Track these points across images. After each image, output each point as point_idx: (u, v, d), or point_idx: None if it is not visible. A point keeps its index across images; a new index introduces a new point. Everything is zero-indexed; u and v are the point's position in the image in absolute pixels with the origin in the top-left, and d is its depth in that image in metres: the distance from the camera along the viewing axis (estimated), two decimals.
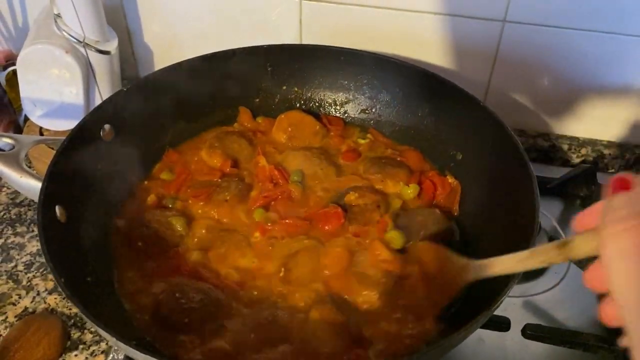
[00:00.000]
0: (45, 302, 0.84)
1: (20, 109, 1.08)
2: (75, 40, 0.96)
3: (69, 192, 0.69)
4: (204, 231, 0.78)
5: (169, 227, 0.76)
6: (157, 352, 0.58)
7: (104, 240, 0.73)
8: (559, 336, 0.74)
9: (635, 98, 1.00)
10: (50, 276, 0.87)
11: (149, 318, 0.67)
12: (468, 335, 0.56)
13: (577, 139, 1.07)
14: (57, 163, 0.69)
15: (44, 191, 0.64)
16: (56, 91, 1.00)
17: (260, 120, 0.94)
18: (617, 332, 0.78)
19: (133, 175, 0.82)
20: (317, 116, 0.94)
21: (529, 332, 0.74)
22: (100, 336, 0.80)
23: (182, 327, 0.66)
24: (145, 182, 0.85)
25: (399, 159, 0.88)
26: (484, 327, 0.74)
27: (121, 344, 0.50)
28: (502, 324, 0.74)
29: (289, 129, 0.91)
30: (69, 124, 1.02)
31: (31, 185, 0.68)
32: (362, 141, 0.92)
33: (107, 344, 0.79)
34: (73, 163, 0.72)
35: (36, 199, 0.65)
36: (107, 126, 0.78)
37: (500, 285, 0.59)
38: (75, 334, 0.80)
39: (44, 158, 0.95)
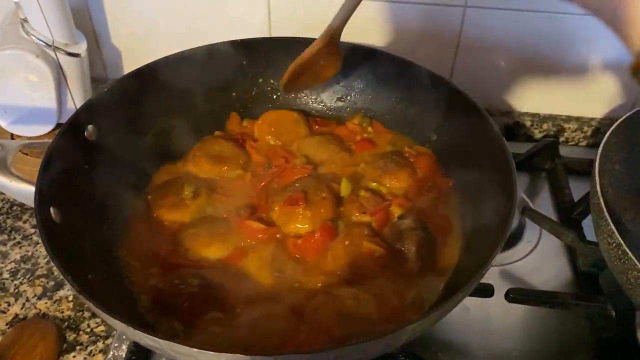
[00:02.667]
0: (35, 308, 0.84)
1: None
2: (44, 44, 0.96)
3: (60, 194, 0.70)
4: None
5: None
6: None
7: (100, 238, 0.74)
8: (539, 297, 0.79)
9: (590, 74, 1.07)
10: (38, 281, 0.87)
11: (150, 307, 0.68)
12: (462, 299, 0.60)
13: (538, 115, 1.13)
14: (47, 166, 0.69)
15: (39, 194, 0.65)
16: (27, 96, 0.99)
17: (246, 124, 0.95)
18: (590, 289, 0.85)
19: (125, 174, 0.83)
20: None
21: (512, 295, 0.78)
22: (97, 336, 0.80)
23: (183, 312, 0.68)
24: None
25: (411, 159, 0.89)
26: (471, 294, 0.79)
27: (137, 332, 0.51)
28: (486, 291, 0.78)
29: (272, 129, 0.93)
30: (42, 129, 1.02)
31: (22, 189, 0.68)
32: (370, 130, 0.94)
33: (104, 342, 0.80)
34: (61, 165, 0.72)
35: (27, 202, 0.65)
36: (90, 127, 0.78)
37: (486, 253, 0.64)
38: (70, 336, 0.81)
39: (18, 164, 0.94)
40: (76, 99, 1.03)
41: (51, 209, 0.66)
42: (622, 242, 0.66)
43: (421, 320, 0.54)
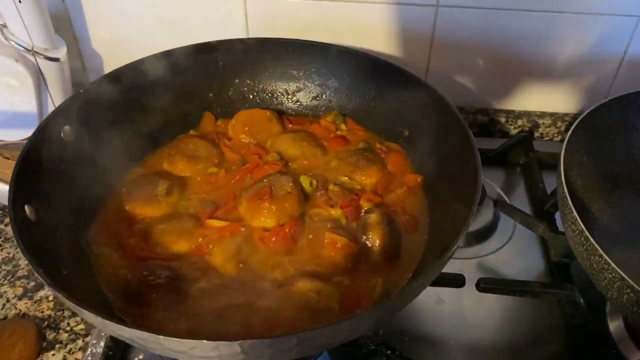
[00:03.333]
0: (15, 308, 0.85)
1: None
2: (23, 49, 0.97)
3: (36, 192, 0.71)
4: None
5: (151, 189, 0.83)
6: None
7: (76, 236, 0.75)
8: (509, 286, 0.81)
9: (562, 70, 1.09)
10: (19, 282, 0.88)
11: (120, 300, 0.70)
12: (426, 285, 0.61)
13: (513, 111, 1.15)
14: (22, 165, 0.70)
15: (13, 191, 0.66)
16: (8, 101, 1.00)
17: (220, 123, 0.97)
18: (562, 279, 0.86)
19: (101, 173, 0.84)
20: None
21: (482, 284, 0.80)
22: (76, 334, 0.81)
23: (151, 303, 0.69)
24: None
25: (382, 155, 0.91)
26: (443, 284, 0.81)
27: (108, 323, 0.52)
28: (458, 281, 0.80)
29: (245, 128, 0.94)
30: (23, 134, 1.03)
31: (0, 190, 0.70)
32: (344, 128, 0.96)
33: (83, 340, 0.81)
34: (37, 164, 0.74)
35: (2, 201, 0.66)
36: (66, 127, 0.80)
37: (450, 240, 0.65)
38: (50, 335, 0.82)
39: None
40: (56, 103, 1.04)
41: (26, 207, 0.68)
42: (584, 228, 0.68)
43: (383, 304, 0.56)
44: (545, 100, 1.14)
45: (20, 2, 0.92)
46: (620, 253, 0.69)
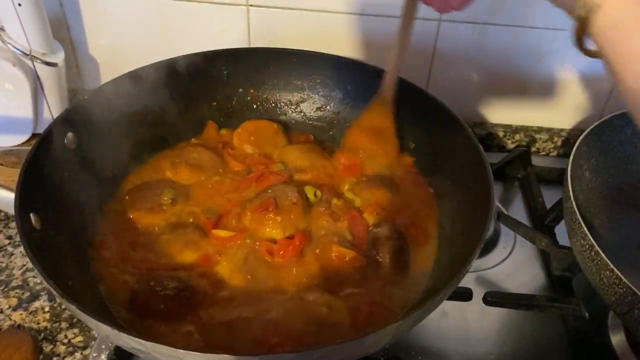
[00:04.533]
0: (10, 319, 0.82)
1: None
2: (21, 53, 0.95)
3: (40, 201, 0.69)
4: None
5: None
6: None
7: (80, 245, 0.73)
8: (516, 300, 0.81)
9: (559, 86, 1.11)
10: (13, 293, 0.85)
11: (125, 312, 0.68)
12: (443, 299, 0.61)
13: (510, 126, 1.17)
14: (27, 172, 0.68)
15: (19, 200, 0.64)
16: (3, 105, 0.98)
17: (224, 132, 0.96)
18: (564, 293, 0.87)
19: (104, 181, 0.83)
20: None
21: (490, 298, 0.80)
22: (74, 347, 0.79)
23: (158, 314, 0.68)
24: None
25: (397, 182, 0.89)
26: (450, 298, 0.81)
27: (122, 334, 0.51)
28: (465, 294, 0.80)
29: (251, 138, 0.94)
30: (18, 139, 1.00)
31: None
32: None
33: (82, 353, 0.79)
34: (41, 172, 0.72)
35: (5, 209, 0.65)
36: (70, 134, 0.78)
37: (464, 256, 0.65)
38: (47, 347, 0.79)
39: None
40: (53, 109, 1.02)
41: (31, 215, 0.66)
42: (594, 243, 0.68)
43: (403, 320, 0.55)
44: (542, 116, 1.16)
45: (20, 5, 0.90)
46: (623, 267, 0.69)
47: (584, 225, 0.70)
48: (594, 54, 0.53)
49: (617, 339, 0.83)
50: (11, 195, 0.65)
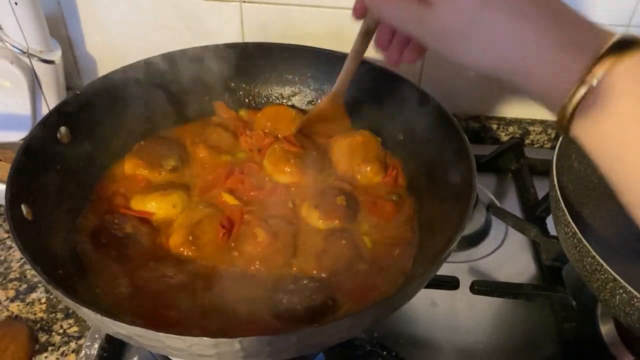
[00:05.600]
0: (7, 310, 0.84)
1: None
2: (18, 51, 0.97)
3: (32, 192, 0.71)
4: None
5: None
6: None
7: (71, 235, 0.75)
8: (503, 288, 0.82)
9: None
10: (11, 285, 0.87)
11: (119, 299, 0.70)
12: (426, 281, 0.62)
13: (504, 119, 1.17)
14: (19, 164, 0.70)
15: (9, 190, 0.66)
16: (2, 103, 1.00)
17: (244, 113, 0.98)
18: (555, 282, 0.87)
19: (93, 175, 0.84)
20: None
21: (476, 287, 0.81)
22: (69, 337, 0.81)
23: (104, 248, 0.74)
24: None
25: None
26: (437, 287, 0.82)
27: (107, 320, 0.52)
28: (452, 283, 0.81)
29: (268, 123, 0.95)
30: (16, 136, 1.02)
31: None
32: None
33: (76, 343, 0.80)
34: (33, 164, 0.73)
35: (2, 202, 0.66)
36: (62, 128, 0.80)
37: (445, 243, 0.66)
38: (43, 337, 0.81)
39: None
40: (51, 106, 1.04)
41: (22, 206, 0.67)
42: (577, 230, 0.69)
43: (380, 303, 0.56)
44: (535, 108, 1.15)
45: (16, 3, 0.92)
46: (610, 255, 0.70)
47: (567, 213, 0.71)
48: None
49: (607, 328, 0.83)
50: (3, 187, 0.67)
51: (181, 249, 0.75)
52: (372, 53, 0.74)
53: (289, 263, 0.75)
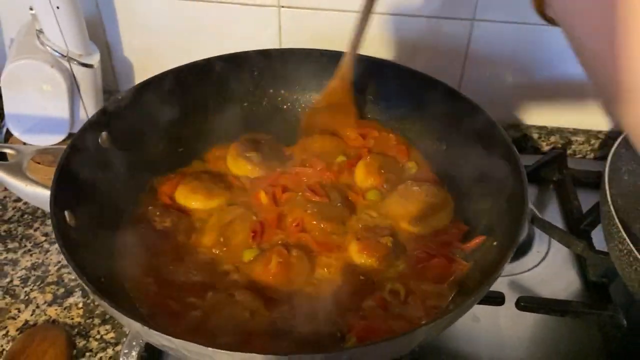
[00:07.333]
0: (45, 314, 0.84)
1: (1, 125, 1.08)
2: (59, 55, 0.97)
3: (75, 198, 0.71)
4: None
5: None
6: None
7: (111, 243, 0.75)
8: (550, 305, 0.79)
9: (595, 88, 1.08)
10: (48, 288, 0.87)
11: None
12: (480, 298, 0.60)
13: (545, 127, 1.14)
14: (62, 170, 0.70)
15: (54, 197, 0.65)
16: (40, 106, 1.00)
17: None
18: (600, 299, 0.85)
19: (135, 181, 0.84)
20: None
21: (523, 303, 0.78)
22: (106, 343, 0.80)
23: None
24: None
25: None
26: (481, 302, 0.79)
27: (151, 331, 0.51)
28: (497, 299, 0.78)
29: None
30: (54, 139, 1.03)
31: (37, 193, 0.70)
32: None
33: (113, 349, 0.80)
34: (75, 170, 0.73)
35: (41, 206, 0.66)
36: (104, 134, 0.79)
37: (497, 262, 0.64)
38: (80, 343, 0.81)
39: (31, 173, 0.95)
40: (88, 109, 1.04)
41: (65, 213, 0.67)
42: (633, 248, 0.66)
43: (433, 322, 0.54)
44: (578, 117, 1.13)
45: (58, 8, 0.93)
46: None
47: (622, 230, 0.68)
48: (553, 21, 0.51)
49: None
50: (48, 193, 0.66)
51: (212, 249, 0.77)
52: (411, 59, 0.72)
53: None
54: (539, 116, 1.14)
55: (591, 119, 1.13)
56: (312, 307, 0.68)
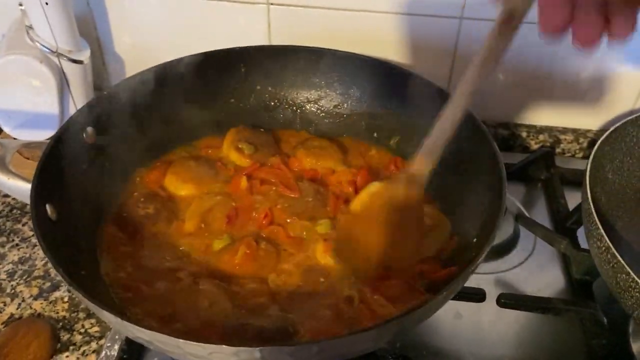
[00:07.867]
0: (31, 308, 0.85)
1: None
2: (48, 51, 0.98)
3: (57, 192, 0.71)
4: None
5: None
6: None
7: (93, 236, 0.75)
8: (531, 302, 0.80)
9: (585, 86, 1.08)
10: (35, 282, 0.88)
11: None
12: (453, 294, 0.60)
13: (534, 126, 1.14)
14: (45, 164, 0.70)
15: (34, 190, 0.66)
16: (30, 102, 1.01)
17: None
18: (583, 297, 0.85)
19: (119, 176, 0.84)
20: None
21: (503, 300, 0.79)
22: (90, 336, 0.81)
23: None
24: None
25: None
26: (462, 299, 0.80)
27: (128, 325, 0.52)
28: (478, 295, 0.78)
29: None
30: (44, 134, 1.03)
31: (19, 187, 0.70)
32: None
33: (97, 343, 0.80)
34: (59, 164, 0.74)
35: (23, 199, 0.67)
36: (89, 129, 0.80)
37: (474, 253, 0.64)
38: (64, 336, 0.81)
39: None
40: (78, 105, 1.04)
41: (47, 206, 0.68)
42: (610, 245, 0.66)
43: (405, 315, 0.54)
44: (567, 116, 1.13)
45: (47, 4, 0.93)
46: None
47: (600, 227, 0.68)
48: None
49: (638, 345, 0.80)
50: (29, 187, 0.67)
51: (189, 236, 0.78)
52: (398, 57, 0.72)
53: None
54: (527, 115, 1.14)
55: (580, 118, 1.13)
56: (271, 301, 0.69)
